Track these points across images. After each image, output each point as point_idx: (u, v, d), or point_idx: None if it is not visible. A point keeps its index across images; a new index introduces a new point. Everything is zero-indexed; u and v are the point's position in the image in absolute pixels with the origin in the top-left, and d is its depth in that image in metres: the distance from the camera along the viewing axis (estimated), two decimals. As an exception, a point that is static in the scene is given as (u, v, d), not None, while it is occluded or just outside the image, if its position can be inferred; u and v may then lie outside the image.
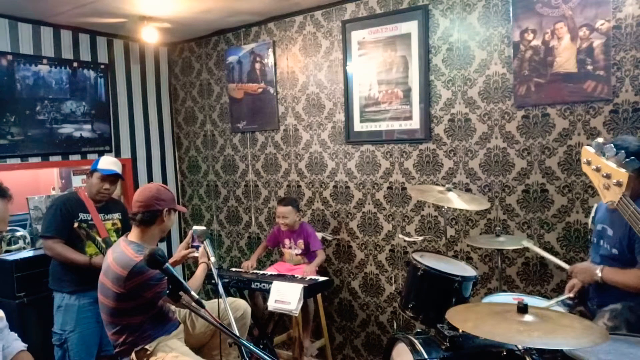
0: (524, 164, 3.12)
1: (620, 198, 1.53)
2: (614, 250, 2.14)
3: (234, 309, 2.83)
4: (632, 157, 1.52)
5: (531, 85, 3.03)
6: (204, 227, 2.64)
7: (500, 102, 3.16)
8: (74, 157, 4.18)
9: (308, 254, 3.77)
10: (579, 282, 2.38)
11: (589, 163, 1.64)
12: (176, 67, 4.91)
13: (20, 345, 2.08)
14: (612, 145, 1.57)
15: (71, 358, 3.04)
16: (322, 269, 3.87)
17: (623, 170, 1.51)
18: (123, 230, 3.30)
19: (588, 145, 1.67)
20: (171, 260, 2.74)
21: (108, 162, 3.24)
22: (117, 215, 3.33)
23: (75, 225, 3.00)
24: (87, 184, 3.28)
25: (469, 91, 3.26)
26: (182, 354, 2.41)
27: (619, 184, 1.51)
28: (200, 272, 2.64)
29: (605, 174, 1.56)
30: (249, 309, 2.95)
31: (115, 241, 3.21)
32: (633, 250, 2.06)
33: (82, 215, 3.15)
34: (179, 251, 2.71)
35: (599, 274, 2.12)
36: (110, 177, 3.21)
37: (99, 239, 3.17)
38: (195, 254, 2.66)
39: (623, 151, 1.54)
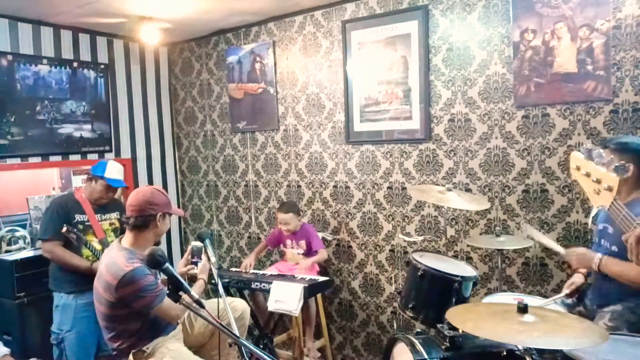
0: (524, 164, 3.11)
1: (612, 203, 1.53)
2: (614, 248, 2.13)
3: (232, 309, 2.81)
4: (622, 163, 1.53)
5: (531, 85, 3.03)
6: (200, 244, 2.59)
7: (500, 102, 3.16)
8: (74, 157, 4.19)
9: (310, 254, 3.77)
10: (577, 281, 2.38)
11: (578, 169, 1.65)
12: (176, 67, 4.90)
13: (4, 350, 2.02)
14: (600, 150, 1.59)
15: (68, 357, 3.03)
16: (322, 268, 3.87)
17: (613, 175, 1.51)
18: (122, 229, 3.28)
19: (577, 151, 1.68)
20: None
21: (115, 171, 3.20)
22: (114, 215, 3.32)
23: (64, 229, 2.93)
24: (88, 187, 3.23)
25: (469, 91, 3.26)
26: (180, 355, 2.41)
27: (609, 189, 1.52)
28: (196, 288, 2.57)
29: (595, 179, 1.57)
30: (247, 309, 2.95)
31: (111, 241, 3.20)
32: None
33: (78, 217, 3.13)
34: (179, 268, 2.68)
35: (597, 262, 2.11)
36: (117, 188, 3.22)
37: (96, 239, 3.16)
38: (195, 271, 2.63)
39: (612, 156, 1.56)
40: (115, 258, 2.35)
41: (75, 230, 2.99)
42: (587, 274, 2.45)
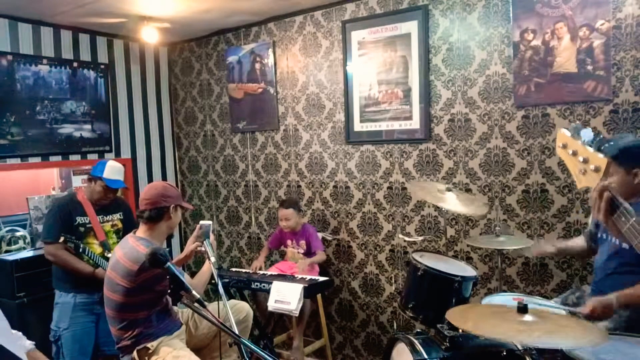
0: (524, 164, 3.12)
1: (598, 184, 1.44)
2: (624, 245, 2.10)
3: (237, 311, 2.84)
4: (611, 142, 1.47)
5: (531, 85, 3.03)
6: (209, 222, 2.64)
7: (500, 102, 3.16)
8: (74, 157, 4.18)
9: (310, 254, 3.78)
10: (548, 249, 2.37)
11: (564, 147, 1.56)
12: (176, 67, 4.91)
13: (29, 344, 2.04)
14: (589, 129, 1.51)
15: (65, 355, 3.03)
16: (322, 268, 3.87)
17: (601, 155, 1.43)
18: (124, 230, 3.28)
19: (564, 128, 1.59)
20: (182, 254, 2.75)
21: (114, 172, 3.17)
22: (117, 216, 3.31)
23: (61, 240, 2.92)
24: (88, 188, 3.22)
25: (469, 91, 3.26)
26: (182, 354, 2.42)
27: (596, 170, 1.44)
28: (206, 269, 2.65)
29: (582, 159, 1.48)
30: (251, 312, 2.97)
31: (114, 243, 3.20)
32: None
33: (79, 219, 3.12)
34: (188, 245, 2.72)
35: (615, 303, 2.01)
36: (117, 189, 3.20)
37: (97, 242, 3.14)
38: (204, 249, 2.65)
39: (602, 135, 1.51)
40: (134, 245, 2.43)
41: (73, 238, 2.97)
42: (587, 265, 2.44)
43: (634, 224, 1.38)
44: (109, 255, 3.11)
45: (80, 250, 2.98)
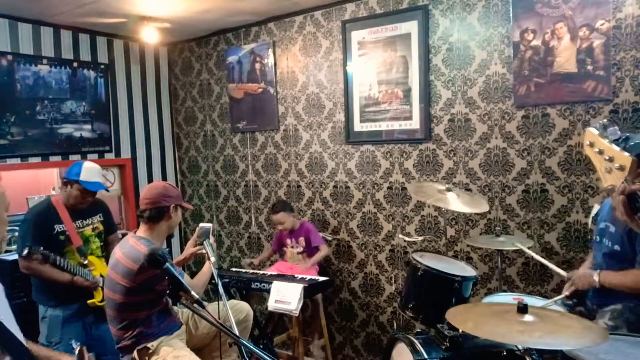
0: (524, 164, 3.12)
1: (623, 183, 1.46)
2: (616, 247, 2.12)
3: (237, 311, 2.85)
4: (637, 141, 1.48)
5: (531, 85, 3.03)
6: (209, 224, 2.64)
7: (500, 102, 3.16)
8: (74, 157, 4.18)
9: (310, 250, 3.78)
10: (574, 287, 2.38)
11: (592, 145, 1.57)
12: (176, 67, 4.91)
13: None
14: (616, 127, 1.52)
15: None
16: (322, 268, 3.87)
17: (626, 154, 1.44)
18: (106, 232, 3.20)
19: (592, 126, 1.61)
20: (180, 257, 2.75)
21: (92, 173, 2.99)
22: (97, 218, 3.17)
23: (25, 252, 2.70)
24: (64, 193, 3.02)
25: (469, 91, 3.26)
26: (182, 354, 2.42)
27: (621, 168, 1.45)
28: (207, 269, 2.65)
29: (608, 157, 1.49)
30: (251, 312, 2.97)
31: (97, 247, 3.12)
32: (634, 246, 2.05)
33: (58, 227, 2.94)
34: (187, 248, 2.72)
35: (597, 279, 2.12)
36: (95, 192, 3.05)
37: (74, 247, 2.98)
38: (204, 251, 2.66)
39: (627, 134, 1.52)
40: (134, 245, 2.43)
41: (40, 249, 2.73)
42: None
43: None
44: (86, 262, 2.99)
45: (58, 263, 2.78)
